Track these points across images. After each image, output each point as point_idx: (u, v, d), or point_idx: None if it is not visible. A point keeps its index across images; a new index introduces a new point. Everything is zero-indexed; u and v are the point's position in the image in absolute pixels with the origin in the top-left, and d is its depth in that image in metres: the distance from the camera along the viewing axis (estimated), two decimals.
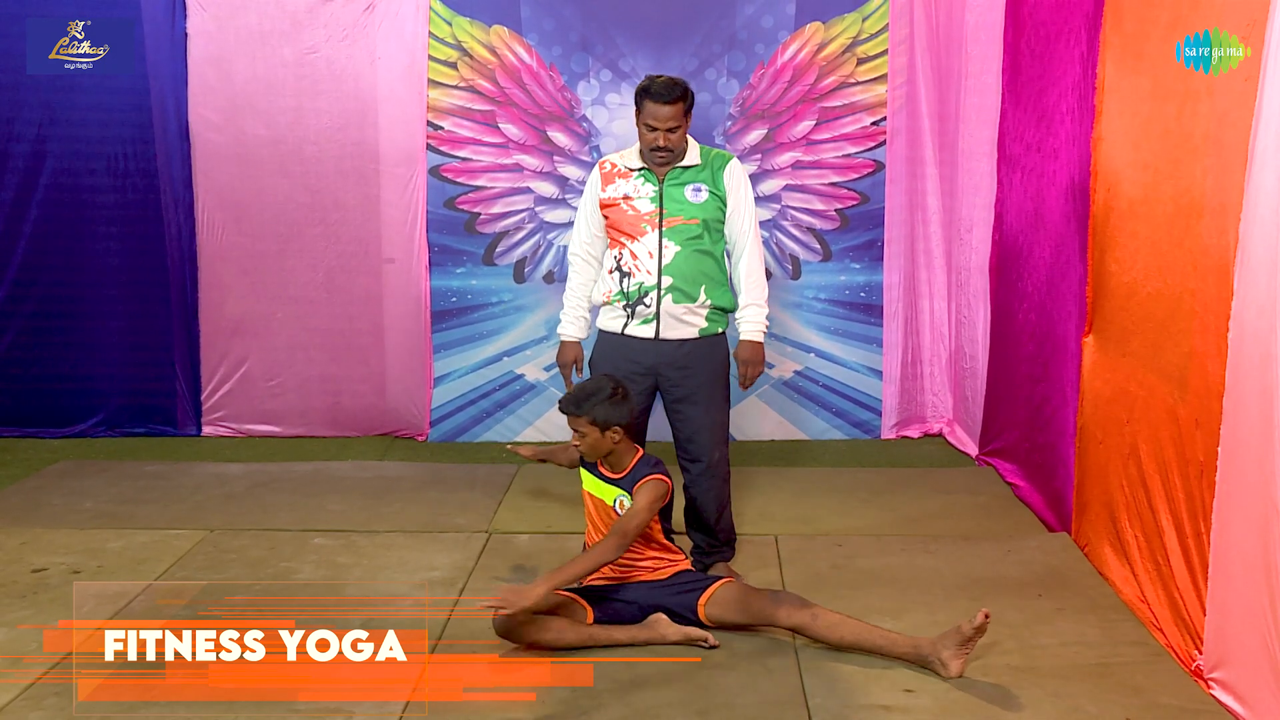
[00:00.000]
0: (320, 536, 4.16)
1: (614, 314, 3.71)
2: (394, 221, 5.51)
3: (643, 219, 3.65)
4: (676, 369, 3.66)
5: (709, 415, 3.71)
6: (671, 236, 3.63)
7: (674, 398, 3.70)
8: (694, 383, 3.68)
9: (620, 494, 3.31)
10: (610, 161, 3.78)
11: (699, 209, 3.64)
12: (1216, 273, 2.92)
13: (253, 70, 5.41)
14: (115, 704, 2.88)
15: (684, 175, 3.67)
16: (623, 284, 3.66)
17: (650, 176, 3.67)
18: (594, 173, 3.81)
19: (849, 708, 2.88)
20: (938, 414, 5.70)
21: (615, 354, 3.66)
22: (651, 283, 3.63)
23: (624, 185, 3.70)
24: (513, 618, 3.08)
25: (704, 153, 3.73)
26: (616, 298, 3.68)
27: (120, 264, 5.56)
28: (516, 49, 5.43)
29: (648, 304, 3.64)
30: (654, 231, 3.64)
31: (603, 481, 3.35)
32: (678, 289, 3.62)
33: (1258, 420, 2.68)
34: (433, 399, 5.60)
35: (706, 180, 3.67)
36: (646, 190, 3.66)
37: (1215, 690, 2.89)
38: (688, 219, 3.64)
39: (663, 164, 3.65)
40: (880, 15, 5.40)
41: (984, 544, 4.05)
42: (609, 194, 3.71)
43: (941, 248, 5.56)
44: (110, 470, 5.05)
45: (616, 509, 3.31)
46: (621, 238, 3.69)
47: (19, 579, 3.72)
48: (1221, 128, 2.93)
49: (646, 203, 3.65)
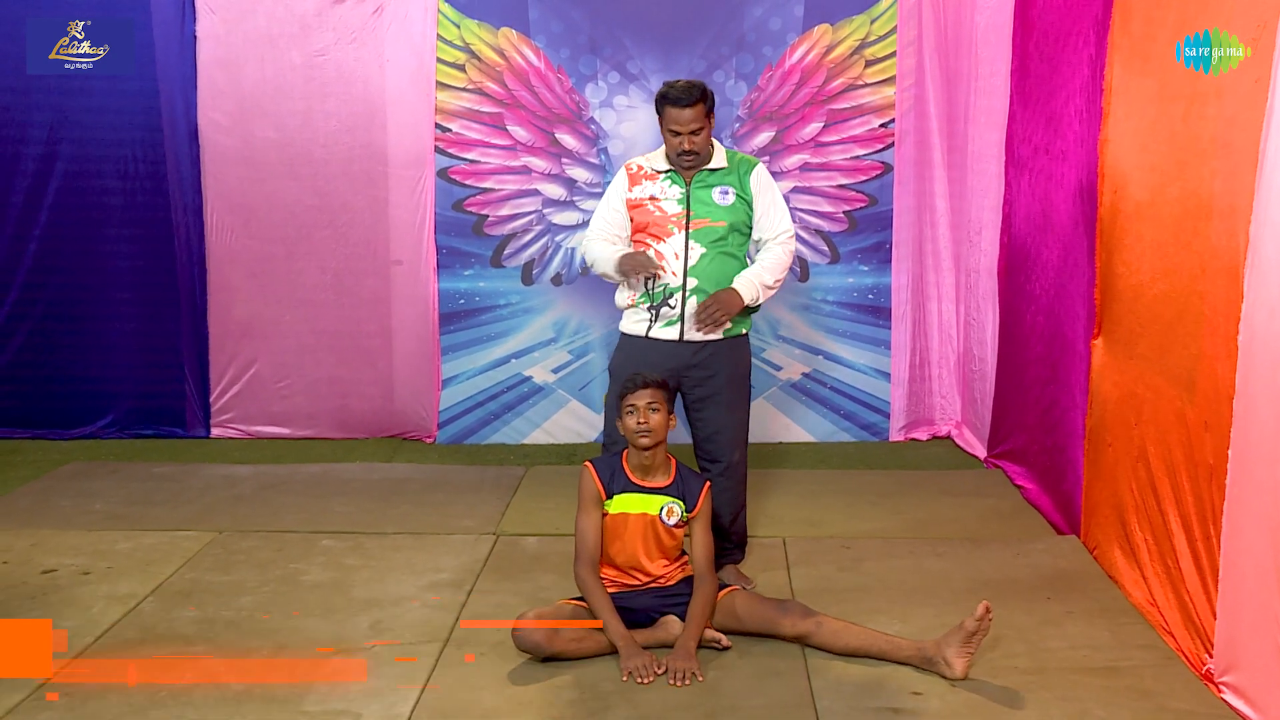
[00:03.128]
0: (328, 538, 4.16)
1: (638, 317, 3.70)
2: (402, 224, 5.52)
3: (669, 220, 3.64)
4: (699, 369, 3.66)
5: (730, 415, 3.71)
6: (698, 238, 3.62)
7: (695, 398, 3.70)
8: (716, 383, 3.68)
9: (669, 501, 3.27)
10: (637, 163, 3.77)
11: (726, 212, 3.64)
12: (1226, 275, 2.91)
13: (261, 73, 5.43)
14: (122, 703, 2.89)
15: (711, 178, 3.66)
16: (647, 285, 3.66)
17: (677, 178, 3.67)
18: (620, 174, 3.79)
19: (857, 711, 2.87)
20: (946, 416, 5.69)
21: (638, 357, 3.66)
22: (677, 284, 3.63)
23: (650, 187, 3.69)
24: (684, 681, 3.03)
25: (730, 156, 3.71)
26: (641, 299, 3.67)
27: (130, 266, 5.58)
28: (525, 51, 5.43)
29: (672, 305, 3.64)
30: (680, 233, 3.63)
31: (644, 494, 3.28)
32: (702, 290, 3.62)
33: (1268, 423, 2.67)
34: (441, 401, 5.61)
35: (734, 183, 3.67)
36: (674, 192, 3.66)
37: (1226, 694, 2.88)
38: (714, 221, 3.63)
39: (689, 167, 3.64)
40: (889, 17, 5.40)
41: (993, 547, 4.04)
42: (635, 195, 3.70)
43: (950, 250, 5.56)
44: (119, 472, 5.06)
45: (664, 516, 3.27)
46: (647, 239, 3.68)
47: (29, 580, 3.73)
48: (1230, 130, 2.93)
49: (674, 204, 3.65)
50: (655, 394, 3.22)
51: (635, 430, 3.23)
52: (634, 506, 3.28)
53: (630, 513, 3.28)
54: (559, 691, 2.98)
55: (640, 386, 3.23)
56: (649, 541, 3.28)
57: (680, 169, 3.66)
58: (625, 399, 3.25)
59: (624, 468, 3.31)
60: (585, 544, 3.25)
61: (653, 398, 3.22)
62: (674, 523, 3.28)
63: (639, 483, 3.29)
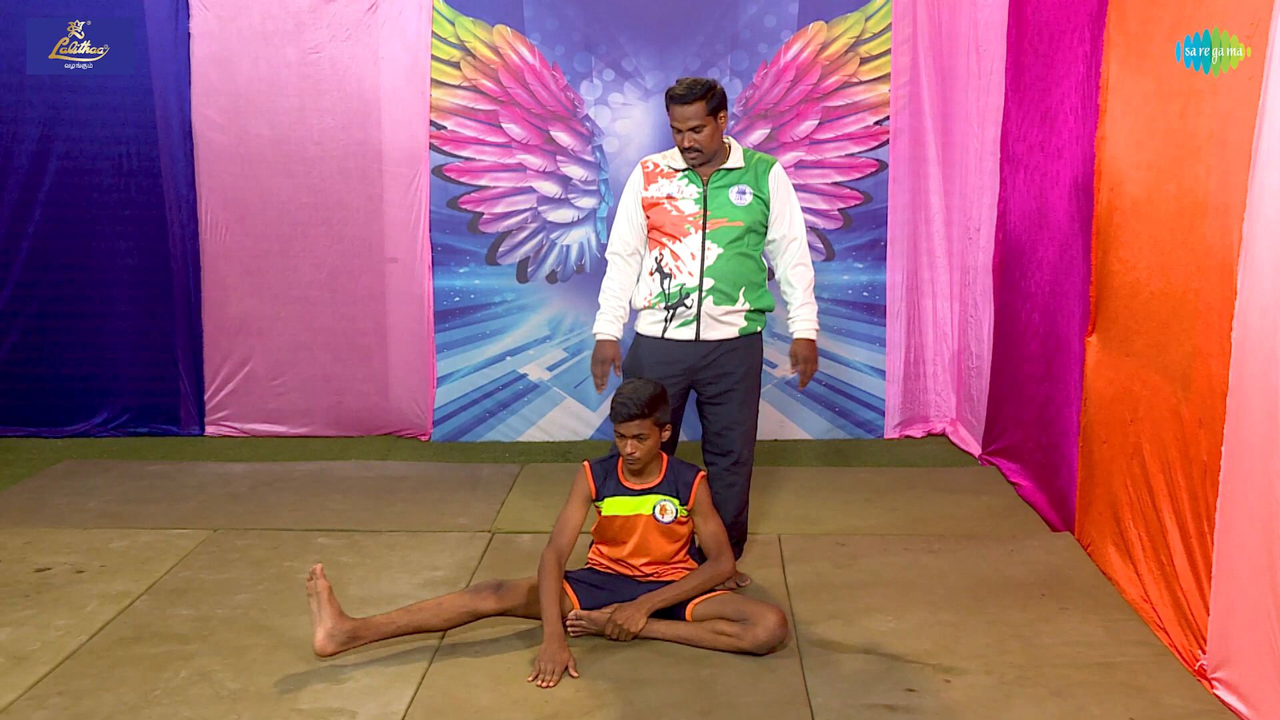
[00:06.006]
0: (323, 536, 4.16)
1: (654, 318, 3.69)
2: (397, 221, 5.51)
3: (686, 220, 3.63)
4: (714, 368, 3.66)
5: (743, 411, 3.72)
6: (714, 238, 3.61)
7: (709, 395, 3.70)
8: (730, 380, 3.68)
9: (660, 499, 3.31)
10: (653, 161, 3.74)
11: (743, 212, 3.63)
12: (1220, 272, 2.92)
13: (256, 70, 5.42)
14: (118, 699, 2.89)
15: (728, 177, 3.65)
16: (664, 285, 3.65)
17: (694, 178, 3.65)
18: (636, 172, 3.76)
19: (851, 707, 2.88)
20: (941, 414, 5.70)
21: (653, 357, 3.65)
22: (693, 284, 3.62)
23: (667, 185, 3.67)
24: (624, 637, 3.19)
25: (747, 155, 3.70)
26: (657, 299, 3.66)
27: (124, 264, 5.57)
28: (519, 49, 5.43)
29: (689, 305, 3.63)
30: (697, 233, 3.62)
31: (635, 496, 3.33)
32: (719, 290, 3.61)
33: (1261, 420, 2.68)
34: (435, 399, 5.60)
35: (750, 183, 3.65)
36: (690, 191, 3.65)
37: (1219, 690, 2.89)
38: (731, 221, 3.62)
39: (695, 164, 3.63)
40: (883, 14, 5.40)
41: (987, 544, 4.05)
42: (651, 193, 3.68)
43: (944, 247, 5.56)
44: (114, 470, 5.06)
45: (657, 514, 3.30)
46: (663, 238, 3.66)
47: (23, 578, 3.73)
48: (1225, 127, 2.93)
49: (690, 204, 3.63)
50: (642, 425, 3.25)
51: (625, 455, 3.30)
52: (626, 509, 3.33)
53: (622, 514, 3.33)
54: (554, 689, 2.98)
55: (627, 418, 3.24)
56: (648, 541, 3.32)
57: (691, 167, 3.65)
58: (615, 425, 3.28)
59: (618, 471, 3.36)
60: (561, 532, 3.31)
61: (639, 429, 3.25)
62: (669, 520, 3.30)
63: (630, 485, 3.34)
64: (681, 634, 3.22)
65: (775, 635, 3.13)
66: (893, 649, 3.21)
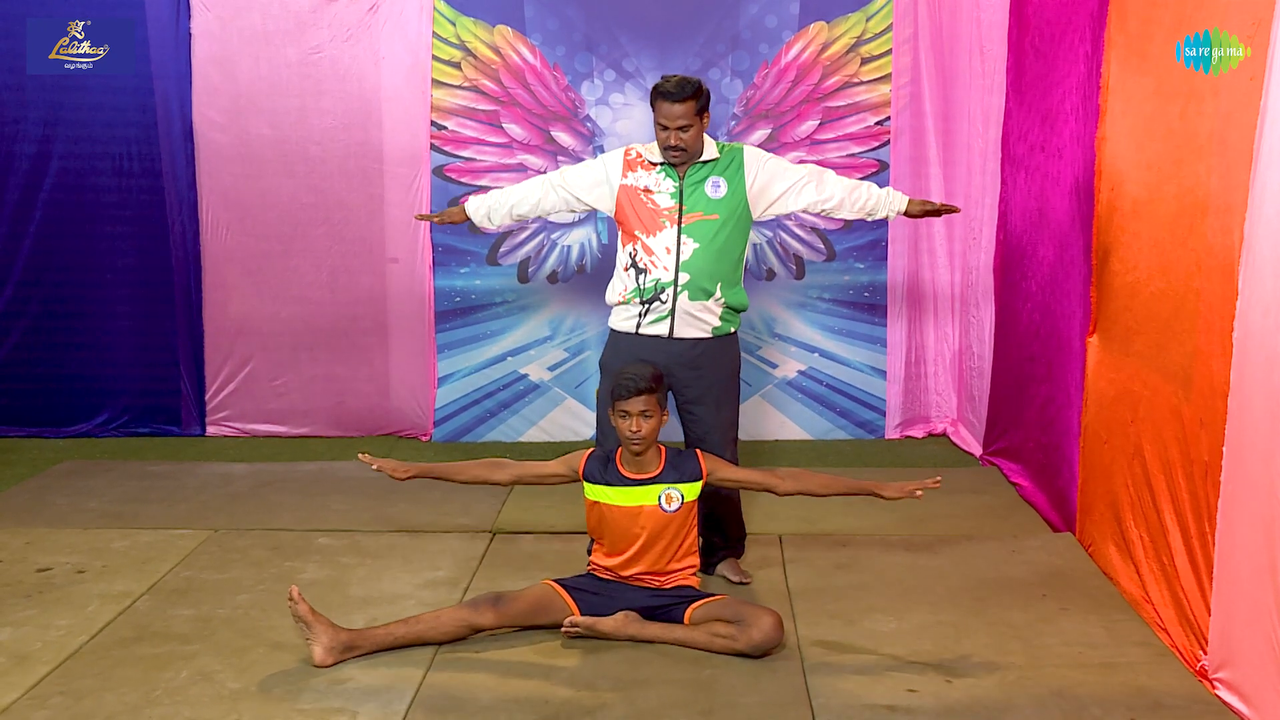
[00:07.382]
0: (324, 536, 4.16)
1: (628, 313, 3.68)
2: (398, 221, 5.51)
3: (661, 214, 3.62)
4: (690, 369, 3.65)
5: (720, 414, 3.70)
6: (690, 233, 3.60)
7: (686, 399, 3.69)
8: (706, 383, 3.67)
9: (665, 488, 3.28)
10: (636, 150, 3.72)
11: (719, 204, 3.62)
12: (1221, 272, 2.91)
13: (257, 70, 5.42)
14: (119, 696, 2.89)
15: (703, 170, 3.64)
16: (638, 280, 3.64)
17: (671, 172, 3.65)
18: (618, 153, 3.74)
19: (852, 707, 2.87)
20: (942, 414, 5.70)
21: (627, 354, 3.64)
22: (668, 279, 3.60)
23: (645, 177, 3.66)
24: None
25: (720, 147, 3.69)
26: (632, 295, 3.65)
27: (125, 264, 5.57)
28: (520, 49, 5.43)
29: (664, 300, 3.62)
30: (673, 227, 3.61)
31: (637, 486, 3.29)
32: (694, 285, 3.60)
33: (1262, 420, 2.68)
34: (436, 399, 5.60)
35: (725, 174, 3.64)
36: (667, 185, 3.64)
37: (1220, 690, 2.89)
38: (707, 214, 3.61)
39: (677, 163, 3.63)
40: (884, 15, 5.40)
41: (988, 544, 4.05)
42: (629, 181, 3.67)
43: (945, 247, 5.56)
44: (115, 470, 5.06)
45: (663, 504, 3.28)
46: (636, 231, 3.64)
47: (24, 578, 3.73)
48: (1226, 127, 2.93)
49: (667, 198, 3.63)
50: (648, 400, 3.22)
51: (628, 436, 3.25)
52: (627, 499, 3.29)
53: (623, 505, 3.28)
54: (554, 689, 2.98)
55: (634, 393, 3.21)
56: (652, 532, 3.28)
57: (669, 163, 3.65)
58: (618, 404, 3.25)
59: (617, 461, 3.33)
60: (520, 463, 3.44)
61: (646, 405, 3.21)
62: (675, 508, 3.28)
63: (631, 476, 3.30)
64: (678, 636, 3.22)
65: (770, 638, 3.13)
66: (893, 649, 3.21)
